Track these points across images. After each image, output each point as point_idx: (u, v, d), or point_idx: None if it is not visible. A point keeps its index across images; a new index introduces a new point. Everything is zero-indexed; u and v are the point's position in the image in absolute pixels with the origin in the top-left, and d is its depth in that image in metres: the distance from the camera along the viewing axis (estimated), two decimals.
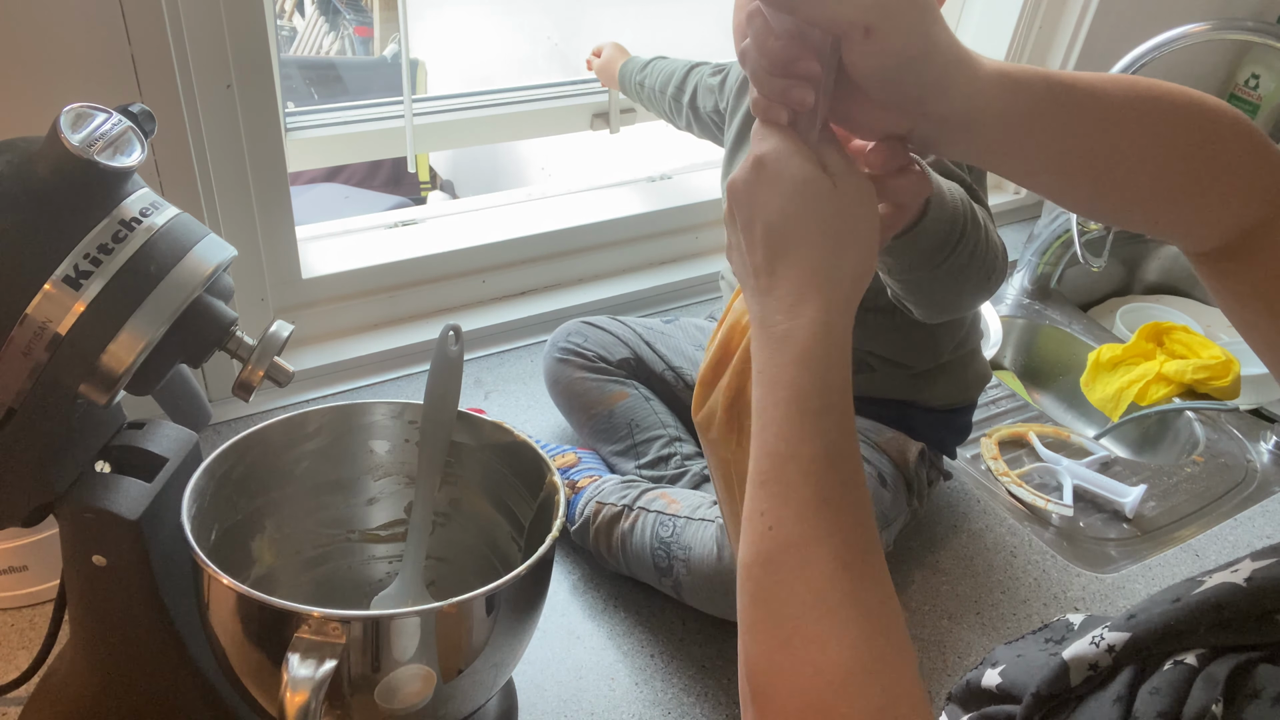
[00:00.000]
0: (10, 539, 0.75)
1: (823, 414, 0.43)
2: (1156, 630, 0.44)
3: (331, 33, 2.70)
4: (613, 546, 0.84)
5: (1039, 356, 1.38)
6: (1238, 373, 1.21)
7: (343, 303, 1.09)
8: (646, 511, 0.83)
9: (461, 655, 0.58)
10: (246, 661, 0.57)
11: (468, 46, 2.30)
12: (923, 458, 0.89)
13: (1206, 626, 0.42)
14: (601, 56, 1.26)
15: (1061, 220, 1.31)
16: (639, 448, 0.93)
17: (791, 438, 0.43)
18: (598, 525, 0.85)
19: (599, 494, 0.87)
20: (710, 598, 0.79)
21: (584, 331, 1.00)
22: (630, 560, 0.83)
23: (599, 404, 0.95)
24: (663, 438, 0.93)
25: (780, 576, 0.41)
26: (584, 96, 1.34)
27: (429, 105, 1.28)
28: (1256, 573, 0.42)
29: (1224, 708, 0.40)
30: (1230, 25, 1.14)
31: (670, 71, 1.14)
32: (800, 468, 0.42)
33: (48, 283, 0.48)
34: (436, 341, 0.67)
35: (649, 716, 0.76)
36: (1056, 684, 0.47)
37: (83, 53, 0.75)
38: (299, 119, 1.18)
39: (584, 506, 0.87)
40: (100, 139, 0.49)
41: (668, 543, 0.80)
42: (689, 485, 0.90)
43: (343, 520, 0.75)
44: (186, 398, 0.64)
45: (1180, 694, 0.41)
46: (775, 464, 0.43)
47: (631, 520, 0.83)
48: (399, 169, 2.41)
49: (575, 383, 0.97)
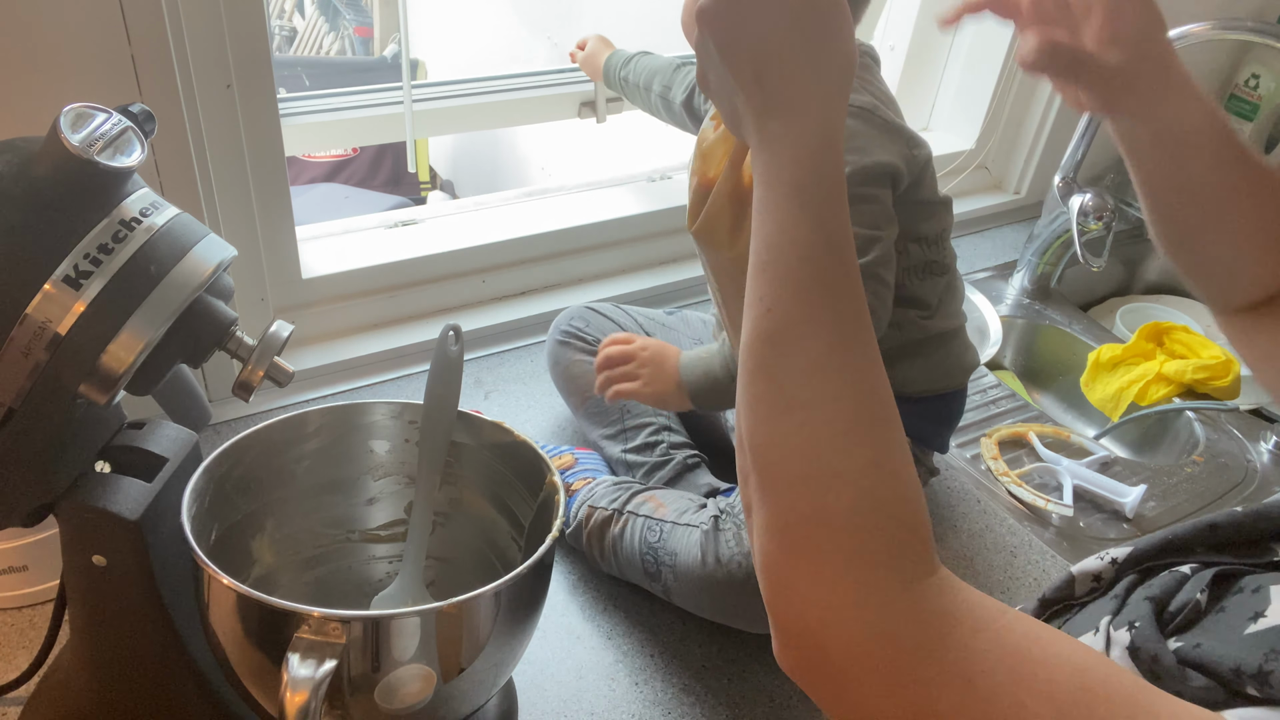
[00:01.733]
0: (10, 539, 0.75)
1: (821, 204, 0.44)
2: (1156, 545, 0.48)
3: (331, 33, 2.70)
4: (605, 550, 0.84)
5: (1039, 356, 1.38)
6: (1238, 373, 1.21)
7: (343, 303, 1.09)
8: (635, 516, 0.83)
9: (461, 655, 0.58)
10: (246, 661, 0.57)
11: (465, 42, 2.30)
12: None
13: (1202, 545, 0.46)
14: (586, 49, 1.26)
15: (1061, 220, 1.31)
16: (628, 433, 0.94)
17: (789, 226, 0.44)
18: (590, 529, 0.85)
19: (591, 497, 0.87)
20: (698, 602, 0.80)
21: (586, 316, 1.03)
22: (621, 564, 0.84)
23: (594, 386, 0.96)
24: (652, 425, 0.94)
25: (780, 349, 0.43)
26: (571, 85, 1.34)
27: (421, 93, 1.28)
28: (1253, 505, 0.47)
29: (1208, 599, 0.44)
30: (1230, 25, 1.14)
31: (655, 69, 1.14)
32: (799, 252, 0.44)
33: (48, 283, 0.48)
34: (436, 341, 0.67)
35: (649, 716, 0.76)
36: (1062, 591, 0.51)
37: (83, 53, 0.75)
38: (295, 104, 1.18)
39: (577, 510, 0.87)
40: (100, 139, 0.49)
41: (655, 548, 0.80)
42: (673, 473, 0.92)
43: (343, 520, 0.75)
44: (186, 398, 0.64)
45: (1171, 591, 0.45)
46: (774, 252, 0.44)
47: (621, 525, 0.83)
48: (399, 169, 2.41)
49: (574, 364, 0.99)
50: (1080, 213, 1.22)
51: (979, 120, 1.50)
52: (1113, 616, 0.46)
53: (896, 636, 0.38)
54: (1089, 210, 1.21)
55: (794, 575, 0.41)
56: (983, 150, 1.53)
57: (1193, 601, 0.43)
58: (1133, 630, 0.44)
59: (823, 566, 0.40)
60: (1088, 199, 1.22)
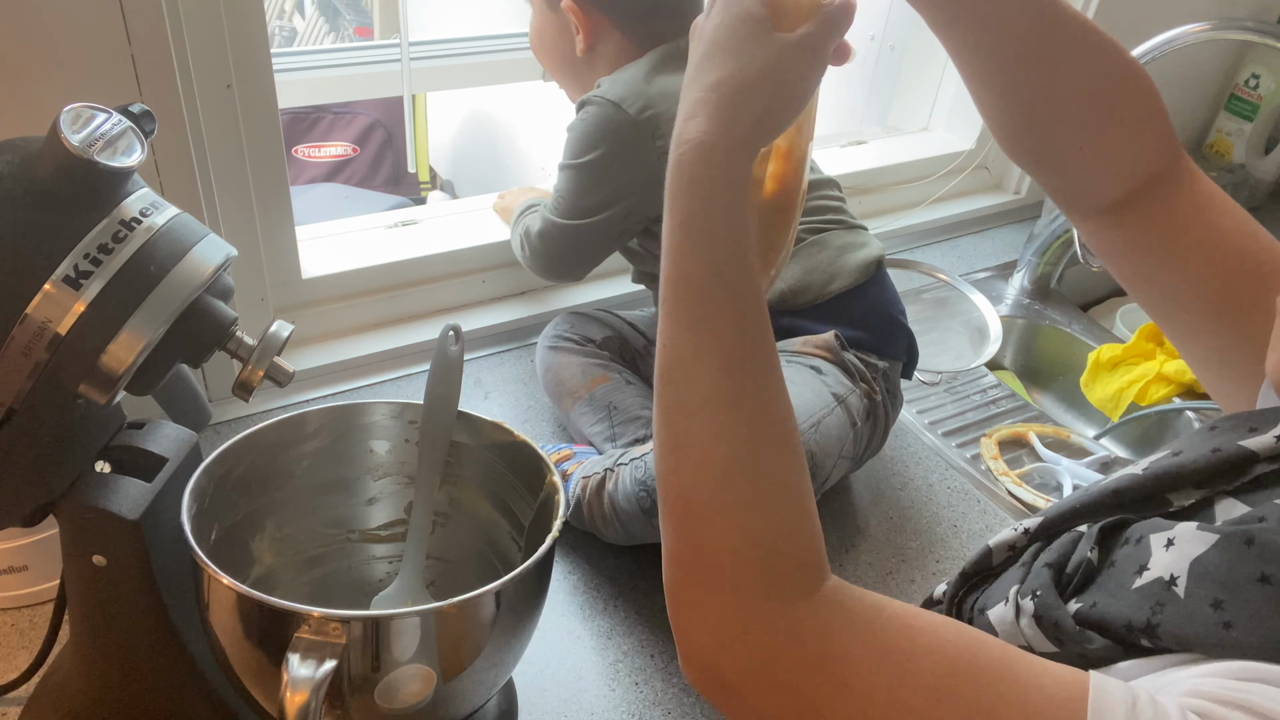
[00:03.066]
0: (10, 539, 0.75)
1: (705, 233, 0.45)
2: (1065, 513, 0.50)
3: (332, 33, 2.70)
4: (605, 514, 0.84)
5: (1039, 356, 1.38)
6: None
7: (343, 303, 1.09)
8: (623, 465, 0.84)
9: (461, 655, 0.58)
10: (246, 661, 0.57)
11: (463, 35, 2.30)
12: (841, 343, 0.90)
13: (1107, 508, 0.48)
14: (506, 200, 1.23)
15: (1061, 220, 1.31)
16: (617, 429, 0.95)
17: (680, 258, 0.45)
18: (588, 499, 0.86)
19: (583, 470, 0.88)
20: None
21: (570, 320, 1.05)
22: (623, 518, 0.83)
23: (581, 387, 0.97)
24: (641, 419, 0.95)
25: (672, 387, 0.45)
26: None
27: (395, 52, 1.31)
28: (1153, 464, 0.48)
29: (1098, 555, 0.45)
30: (1230, 25, 1.14)
31: None
32: (689, 286, 0.45)
33: (48, 283, 0.48)
34: (436, 341, 0.67)
35: (649, 716, 0.77)
36: (980, 564, 0.54)
37: (83, 53, 0.75)
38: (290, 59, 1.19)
39: (575, 489, 0.88)
40: (100, 139, 0.49)
41: (643, 481, 0.81)
42: None
43: (343, 520, 0.75)
44: (186, 398, 0.64)
45: (1068, 550, 0.47)
46: (669, 285, 0.46)
47: (614, 480, 0.84)
48: (399, 169, 2.42)
49: (561, 368, 1.00)
50: None
51: (979, 120, 1.49)
52: (1019, 585, 0.48)
53: (780, 657, 0.41)
54: None
55: (689, 602, 0.44)
56: (983, 150, 1.53)
57: (1085, 560, 0.45)
58: (1035, 599, 0.46)
59: (712, 596, 0.43)
60: None
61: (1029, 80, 0.55)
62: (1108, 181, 0.57)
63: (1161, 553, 0.42)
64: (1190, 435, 0.50)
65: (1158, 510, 0.46)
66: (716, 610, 0.43)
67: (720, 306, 0.45)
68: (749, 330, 0.45)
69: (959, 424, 1.13)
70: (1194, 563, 0.40)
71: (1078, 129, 0.56)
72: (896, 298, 0.98)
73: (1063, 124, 0.56)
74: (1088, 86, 0.55)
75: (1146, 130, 0.56)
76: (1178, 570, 0.40)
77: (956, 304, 1.35)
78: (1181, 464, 0.46)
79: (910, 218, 1.47)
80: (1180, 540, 0.41)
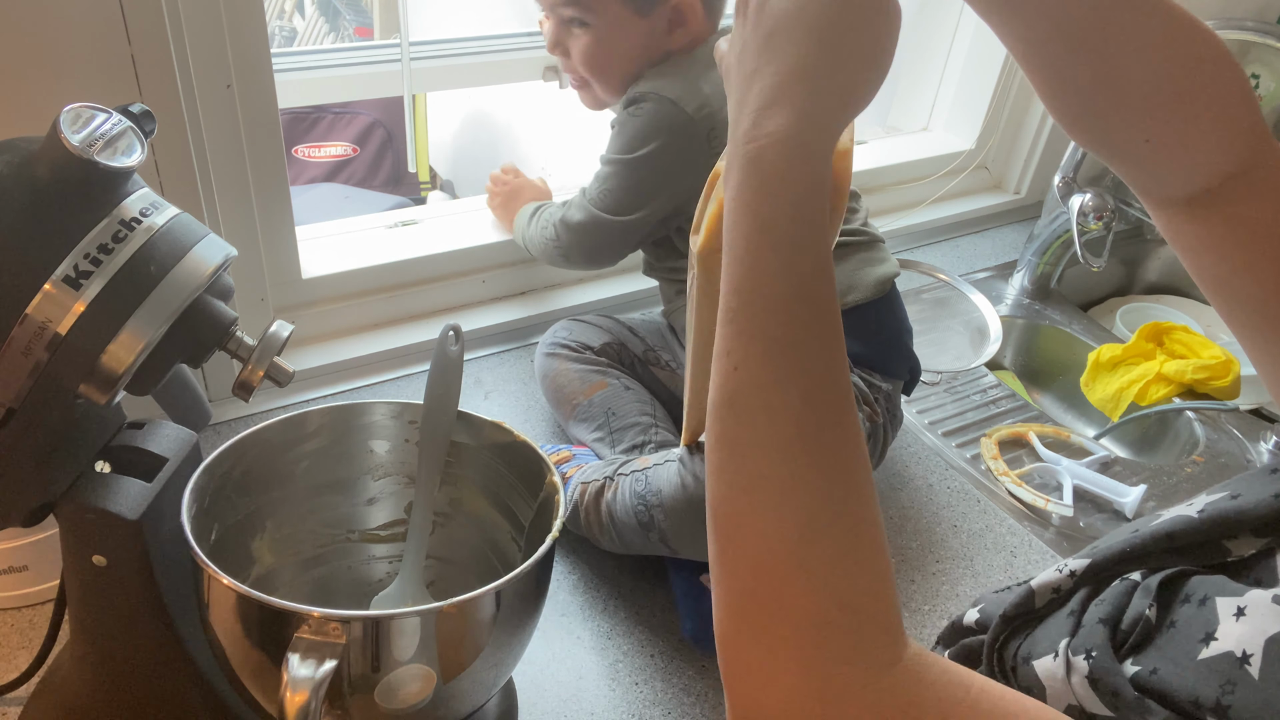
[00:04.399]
0: (10, 539, 0.75)
1: (791, 243, 0.40)
2: (1114, 556, 0.46)
3: (332, 33, 2.70)
4: (602, 522, 0.85)
5: (1039, 356, 1.38)
6: (1238, 373, 1.21)
7: (343, 303, 1.09)
8: (623, 476, 0.84)
9: (461, 655, 0.58)
10: (246, 661, 0.57)
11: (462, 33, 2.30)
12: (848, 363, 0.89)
13: (1159, 553, 0.45)
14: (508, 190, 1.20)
15: (1061, 220, 1.31)
16: (615, 435, 0.95)
17: (758, 269, 0.40)
18: (585, 506, 0.86)
19: (582, 475, 0.88)
20: (692, 533, 0.80)
21: (569, 326, 1.04)
22: (619, 529, 0.84)
23: (580, 394, 0.97)
24: (638, 425, 0.95)
25: (744, 420, 0.40)
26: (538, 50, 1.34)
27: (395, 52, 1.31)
28: (1209, 505, 0.44)
29: (1157, 611, 0.42)
30: (1230, 25, 1.14)
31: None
32: (767, 306, 0.40)
33: (48, 283, 0.48)
34: (436, 341, 0.67)
35: (649, 716, 0.76)
36: (1022, 606, 0.50)
37: (83, 53, 0.75)
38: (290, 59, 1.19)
39: (572, 493, 0.88)
40: (100, 139, 0.49)
41: (642, 495, 0.81)
42: None
43: (342, 520, 0.75)
44: (186, 398, 0.64)
45: (1122, 603, 0.44)
46: (742, 301, 0.40)
47: (613, 490, 0.84)
48: (399, 169, 2.41)
49: (560, 374, 1.00)
50: (1080, 213, 1.22)
51: (979, 120, 1.50)
52: (1070, 638, 0.45)
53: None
54: (1089, 210, 1.21)
55: (752, 659, 0.39)
56: (983, 150, 1.53)
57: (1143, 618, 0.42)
58: (1090, 660, 0.43)
59: (782, 656, 0.38)
60: (1088, 199, 1.22)
61: (1087, 67, 0.49)
62: (1181, 176, 0.51)
63: (1231, 622, 0.38)
64: (1249, 475, 0.45)
65: (1214, 558, 0.43)
66: (787, 672, 0.38)
67: (808, 330, 0.39)
68: (835, 359, 0.40)
69: (959, 424, 1.13)
70: (1270, 641, 0.37)
71: (1144, 120, 0.49)
72: (906, 318, 0.96)
73: (1126, 114, 0.49)
74: (1153, 76, 0.48)
75: (1224, 123, 0.49)
76: (1251, 647, 0.37)
77: (956, 304, 1.35)
78: (1241, 509, 0.42)
79: (910, 218, 1.47)
80: (1253, 612, 0.38)
